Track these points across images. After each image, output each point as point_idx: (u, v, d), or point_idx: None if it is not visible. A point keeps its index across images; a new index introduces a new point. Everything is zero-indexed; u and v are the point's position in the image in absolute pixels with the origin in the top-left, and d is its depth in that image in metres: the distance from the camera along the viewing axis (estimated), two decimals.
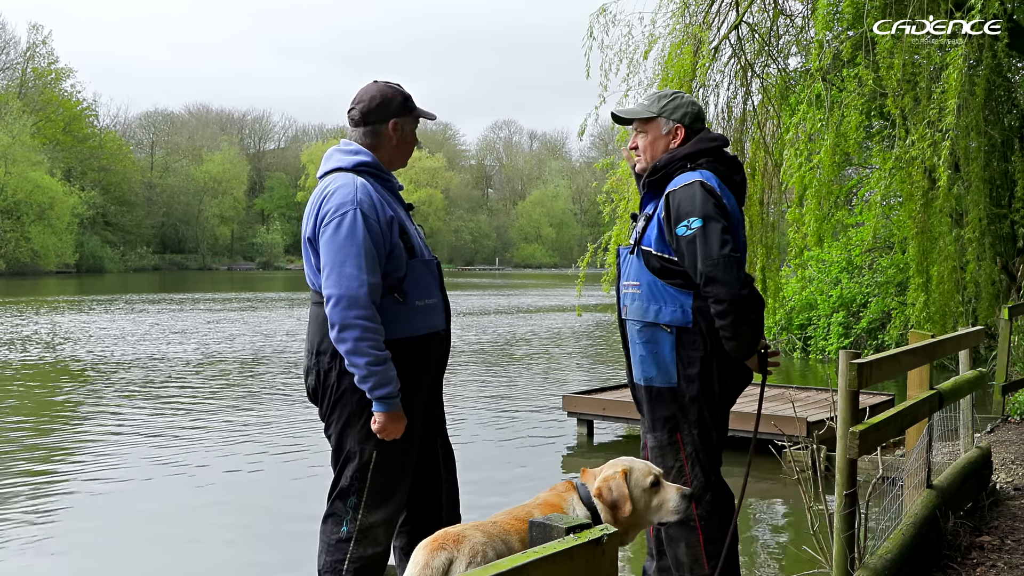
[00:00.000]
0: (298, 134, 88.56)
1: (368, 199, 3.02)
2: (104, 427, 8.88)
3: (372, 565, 3.10)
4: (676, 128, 3.25)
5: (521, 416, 9.66)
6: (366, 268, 2.94)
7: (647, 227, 3.20)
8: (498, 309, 27.72)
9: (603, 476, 2.76)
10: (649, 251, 3.17)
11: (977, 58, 8.76)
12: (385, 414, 2.96)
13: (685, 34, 10.21)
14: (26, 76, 63.03)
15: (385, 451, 3.05)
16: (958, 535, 4.32)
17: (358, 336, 2.91)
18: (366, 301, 2.93)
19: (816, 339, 15.03)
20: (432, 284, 3.18)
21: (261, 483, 6.86)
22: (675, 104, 3.26)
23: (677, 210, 3.08)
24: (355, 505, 3.09)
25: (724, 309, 3.00)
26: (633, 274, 3.23)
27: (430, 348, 3.14)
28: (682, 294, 3.12)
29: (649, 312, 3.17)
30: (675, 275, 3.13)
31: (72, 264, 57.24)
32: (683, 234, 3.05)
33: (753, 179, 10.93)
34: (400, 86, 3.25)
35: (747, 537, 5.62)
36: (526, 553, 1.58)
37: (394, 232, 3.04)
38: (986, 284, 10.05)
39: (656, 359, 3.18)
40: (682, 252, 3.08)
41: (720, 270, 2.98)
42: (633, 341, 3.25)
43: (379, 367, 2.93)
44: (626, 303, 3.27)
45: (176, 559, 5.16)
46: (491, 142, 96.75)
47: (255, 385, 11.73)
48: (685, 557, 3.21)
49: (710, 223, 3.02)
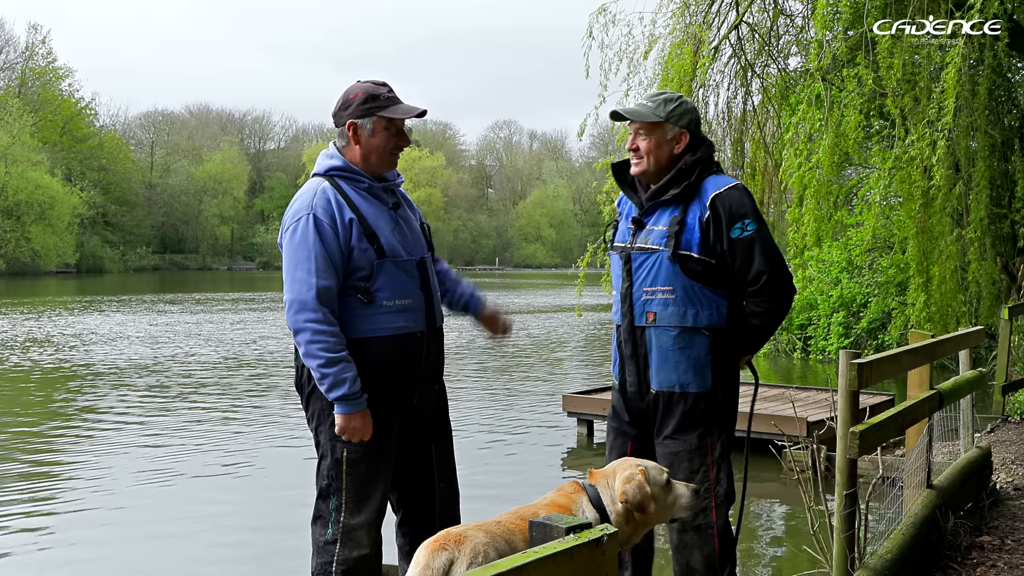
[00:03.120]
0: (298, 134, 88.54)
1: (326, 204, 3.06)
2: (130, 428, 8.89)
3: (359, 567, 3.11)
4: (681, 134, 3.23)
5: (521, 416, 9.67)
6: (315, 272, 2.99)
7: (682, 231, 3.13)
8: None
9: (623, 477, 2.74)
10: (689, 255, 3.13)
11: (978, 58, 8.76)
12: (343, 415, 3.00)
13: (685, 34, 10.21)
14: (25, 76, 62.99)
15: (355, 450, 3.08)
16: (958, 535, 4.32)
17: (308, 339, 2.98)
18: (315, 304, 2.97)
19: (816, 339, 15.02)
20: (409, 285, 3.14)
21: (271, 482, 6.86)
22: (682, 109, 3.23)
23: (729, 212, 3.10)
24: (336, 507, 3.11)
25: (777, 307, 3.14)
26: (663, 279, 3.15)
27: (400, 349, 3.11)
28: (717, 296, 3.15)
29: (687, 317, 3.14)
30: (709, 278, 3.13)
31: (72, 264, 57.21)
32: (738, 236, 3.09)
33: (753, 179, 10.95)
34: (376, 83, 3.19)
35: (747, 537, 5.62)
36: (526, 553, 1.58)
37: (353, 234, 3.05)
38: (987, 284, 10.05)
39: (694, 364, 3.15)
40: (735, 253, 3.10)
41: (781, 270, 3.13)
42: (664, 348, 3.17)
43: (330, 368, 2.96)
44: (653, 309, 3.18)
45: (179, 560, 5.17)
46: (491, 142, 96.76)
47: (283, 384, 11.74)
48: (700, 565, 3.17)
49: (763, 225, 3.13)
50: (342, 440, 3.06)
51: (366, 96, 3.15)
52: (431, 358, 3.23)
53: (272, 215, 78.40)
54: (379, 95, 3.14)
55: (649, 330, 3.19)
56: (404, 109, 3.16)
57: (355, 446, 3.07)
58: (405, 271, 3.14)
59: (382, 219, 3.15)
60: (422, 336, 3.17)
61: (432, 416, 3.32)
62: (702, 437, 3.18)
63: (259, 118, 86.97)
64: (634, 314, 3.22)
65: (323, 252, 3.01)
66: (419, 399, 3.22)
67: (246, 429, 8.79)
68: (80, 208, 56.33)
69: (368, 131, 3.14)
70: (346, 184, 3.14)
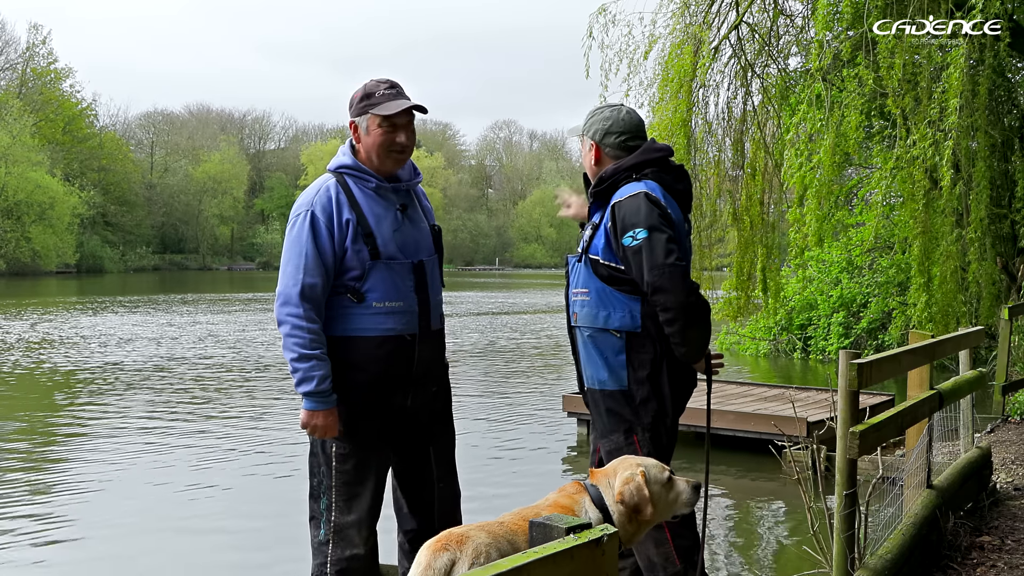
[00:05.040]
0: (298, 134, 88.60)
1: (326, 202, 3.10)
2: (145, 428, 8.90)
3: (353, 566, 3.14)
4: (592, 145, 3.37)
5: (521, 416, 9.67)
6: (303, 268, 3.05)
7: (594, 236, 3.26)
8: (498, 309, 27.73)
9: (622, 478, 2.74)
10: (596, 259, 3.23)
11: (978, 58, 8.76)
12: (307, 411, 3.04)
13: (685, 34, 10.22)
14: (26, 76, 63.02)
15: (342, 446, 3.12)
16: (958, 535, 4.32)
17: (287, 332, 3.05)
18: (297, 300, 3.03)
19: (816, 339, 15.03)
20: (402, 287, 3.14)
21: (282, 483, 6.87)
22: (591, 120, 3.39)
23: (623, 221, 3.14)
24: (327, 506, 3.15)
25: (672, 317, 3.07)
26: (582, 281, 3.28)
27: (386, 351, 3.11)
28: (631, 300, 3.19)
29: (599, 318, 3.23)
30: (623, 283, 3.20)
31: (72, 264, 57.24)
32: (629, 244, 3.12)
33: (753, 179, 10.96)
34: (379, 81, 3.19)
35: (747, 537, 5.63)
36: (526, 553, 1.58)
37: (348, 235, 3.07)
38: (987, 284, 10.05)
39: (607, 363, 3.24)
40: (628, 261, 3.14)
41: (666, 279, 3.04)
42: (584, 346, 3.31)
43: (303, 364, 3.01)
44: (576, 310, 3.32)
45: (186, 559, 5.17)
46: (491, 142, 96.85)
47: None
48: (656, 557, 3.24)
49: (655, 233, 3.08)
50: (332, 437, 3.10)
51: (363, 95, 3.15)
52: (425, 361, 3.21)
53: (272, 215, 78.44)
54: (374, 92, 3.13)
55: (576, 330, 3.36)
56: (394, 105, 3.11)
57: (342, 443, 3.10)
58: (399, 274, 3.14)
59: (385, 220, 3.15)
60: (412, 339, 3.16)
61: (429, 417, 3.31)
62: (627, 435, 3.25)
63: (259, 118, 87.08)
64: (568, 315, 3.40)
65: (314, 250, 3.05)
66: (412, 400, 3.21)
67: (275, 429, 8.80)
68: (80, 208, 56.36)
69: (364, 129, 3.14)
70: (353, 182, 3.16)
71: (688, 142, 10.16)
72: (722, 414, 7.42)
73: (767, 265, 11.03)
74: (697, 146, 10.58)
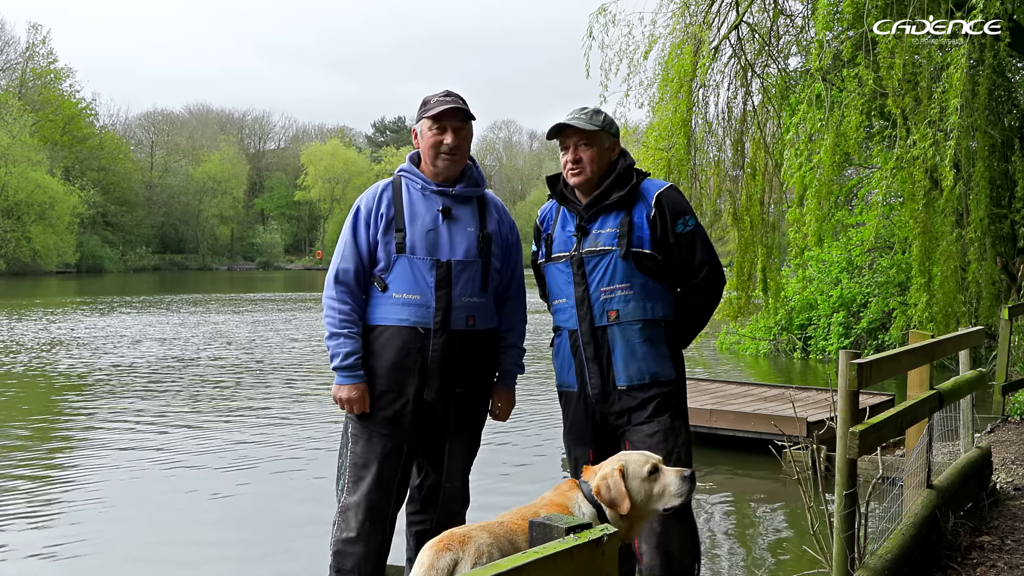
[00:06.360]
0: (298, 134, 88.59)
1: (371, 197, 3.41)
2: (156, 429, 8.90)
3: (345, 549, 3.27)
4: (615, 142, 3.46)
5: (520, 415, 9.67)
6: (341, 254, 3.39)
7: (631, 231, 3.30)
8: None
9: (601, 475, 2.76)
10: (642, 251, 3.30)
11: (978, 58, 8.76)
12: (336, 385, 3.32)
13: (685, 34, 10.22)
14: (25, 76, 63.01)
15: (356, 426, 3.34)
16: (958, 535, 4.32)
17: (325, 312, 3.37)
18: (332, 283, 3.36)
19: (816, 339, 15.02)
20: (422, 282, 3.29)
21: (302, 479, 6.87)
22: (610, 120, 3.47)
23: (674, 209, 3.33)
24: (343, 487, 3.35)
25: (714, 297, 3.37)
26: (620, 277, 3.30)
27: (399, 341, 3.28)
28: (667, 290, 3.37)
29: (648, 310, 3.31)
30: (661, 274, 3.34)
31: (72, 264, 57.22)
32: (682, 230, 3.32)
33: (753, 179, 10.95)
34: (439, 92, 3.44)
35: (747, 537, 5.63)
36: (526, 553, 1.59)
37: (381, 228, 3.33)
38: (987, 284, 10.05)
39: (657, 355, 3.32)
40: (680, 247, 3.31)
41: (717, 261, 3.37)
42: (630, 342, 3.30)
43: (331, 341, 3.31)
44: (615, 307, 3.30)
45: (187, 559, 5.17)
46: (491, 142, 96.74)
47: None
48: (676, 548, 3.21)
49: (699, 221, 3.38)
50: (351, 416, 3.33)
51: (421, 103, 3.45)
52: (445, 357, 3.28)
53: (271, 215, 78.46)
54: (430, 100, 3.41)
55: (612, 328, 3.31)
56: (437, 103, 3.37)
57: (357, 424, 3.33)
58: (420, 269, 3.30)
59: (420, 218, 3.35)
60: (427, 333, 3.27)
61: (448, 416, 3.37)
62: (673, 419, 3.31)
63: (259, 118, 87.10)
64: (594, 315, 3.33)
65: (352, 239, 3.37)
66: (429, 393, 3.30)
67: (293, 428, 8.80)
68: (80, 208, 56.34)
69: (420, 134, 3.44)
70: (406, 183, 3.44)
71: (688, 142, 10.16)
72: (722, 414, 7.42)
73: (767, 265, 11.02)
74: (697, 146, 10.58)
